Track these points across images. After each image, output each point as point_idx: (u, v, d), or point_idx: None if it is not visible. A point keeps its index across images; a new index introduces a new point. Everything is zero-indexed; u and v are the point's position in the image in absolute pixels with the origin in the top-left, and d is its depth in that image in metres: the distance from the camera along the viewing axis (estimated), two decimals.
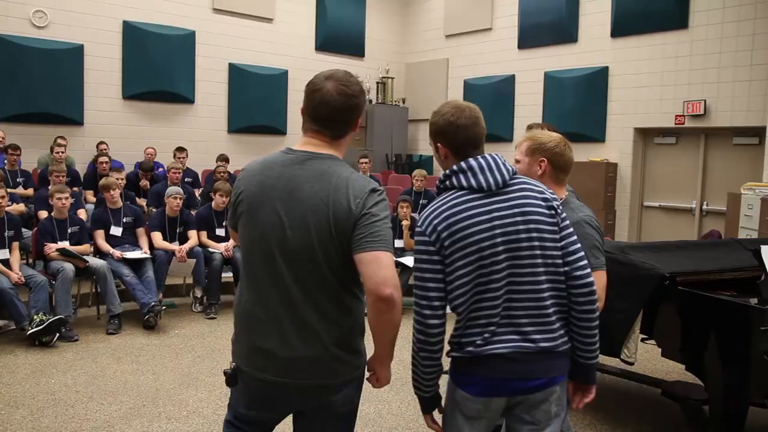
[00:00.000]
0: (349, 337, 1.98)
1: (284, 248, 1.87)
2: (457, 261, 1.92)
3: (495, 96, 11.06)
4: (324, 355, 1.91)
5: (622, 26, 9.60)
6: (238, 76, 10.73)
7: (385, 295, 1.80)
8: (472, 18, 11.71)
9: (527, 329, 1.94)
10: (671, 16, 9.01)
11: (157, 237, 6.45)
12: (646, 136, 9.78)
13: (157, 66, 9.91)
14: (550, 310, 1.96)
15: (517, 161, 2.58)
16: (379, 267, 1.81)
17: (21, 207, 6.86)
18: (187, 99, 10.32)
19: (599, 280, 2.35)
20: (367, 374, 2.13)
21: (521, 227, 1.95)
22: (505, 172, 1.99)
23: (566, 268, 1.98)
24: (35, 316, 5.33)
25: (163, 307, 6.09)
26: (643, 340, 3.80)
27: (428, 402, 2.14)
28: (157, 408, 4.18)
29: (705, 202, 9.20)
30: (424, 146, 12.54)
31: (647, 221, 9.91)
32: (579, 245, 2.02)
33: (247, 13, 10.89)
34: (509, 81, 11.06)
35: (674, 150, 9.55)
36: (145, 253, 6.28)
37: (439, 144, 2.07)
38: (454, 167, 2.02)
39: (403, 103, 12.61)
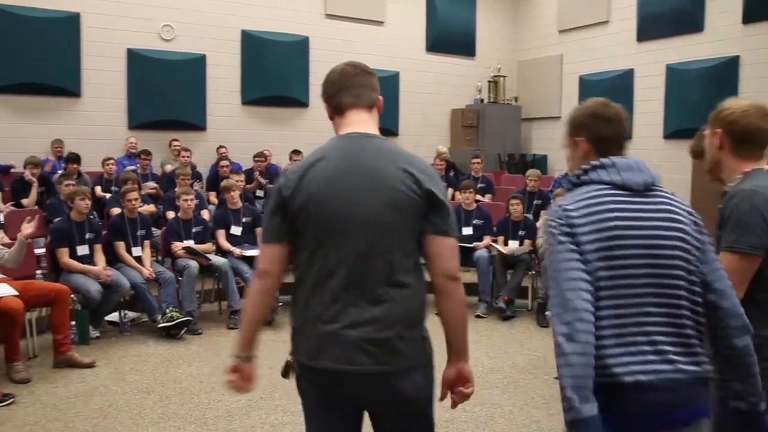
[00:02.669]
0: (420, 317, 1.91)
1: (358, 227, 1.82)
2: (594, 261, 1.70)
3: (612, 92, 10.56)
4: (392, 339, 1.82)
5: (756, 10, 8.87)
6: None
7: (456, 276, 1.88)
8: (587, 11, 11.29)
9: (666, 348, 1.67)
10: None
11: None
12: None
13: (274, 72, 10.30)
14: (690, 331, 1.71)
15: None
16: (453, 249, 1.88)
17: (151, 207, 7.34)
18: (302, 102, 10.65)
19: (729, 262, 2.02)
20: (448, 394, 1.99)
21: (665, 233, 1.74)
22: (652, 175, 1.81)
23: (712, 297, 1.75)
24: (166, 311, 5.68)
25: (280, 304, 6.30)
26: None
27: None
28: (274, 401, 4.32)
29: None
30: (538, 145, 12.24)
31: None
32: (724, 272, 1.79)
33: (359, 17, 11.08)
34: (627, 75, 10.55)
35: None
36: None
37: (579, 138, 1.89)
38: (595, 162, 1.83)
39: (516, 101, 12.36)
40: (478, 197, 8.18)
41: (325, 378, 1.88)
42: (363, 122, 1.95)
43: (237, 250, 6.40)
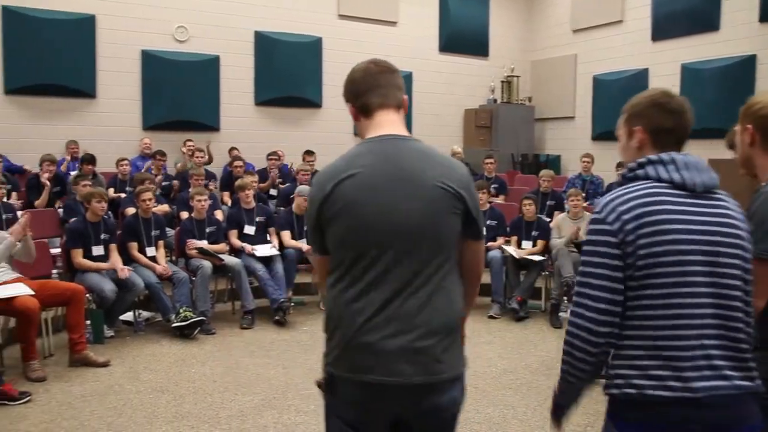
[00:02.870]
0: (458, 323, 1.85)
1: (399, 233, 1.75)
2: (645, 268, 1.58)
3: (627, 91, 10.29)
4: (435, 347, 1.76)
5: None
6: None
7: (479, 278, 2.00)
8: (601, 11, 11.23)
9: (721, 363, 1.57)
10: None
11: (286, 236, 6.71)
12: None
13: (286, 72, 10.33)
14: (744, 345, 1.62)
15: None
16: (482, 253, 1.99)
17: (165, 207, 7.38)
18: (315, 103, 10.67)
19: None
20: None
21: (724, 240, 1.62)
22: (712, 176, 1.68)
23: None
24: (180, 310, 5.71)
25: (292, 304, 6.32)
26: None
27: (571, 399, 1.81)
28: (287, 401, 4.33)
29: None
30: (551, 146, 12.19)
31: None
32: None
33: (371, 17, 11.09)
34: (642, 75, 10.49)
35: None
36: (274, 247, 6.56)
37: (636, 128, 1.76)
38: (652, 156, 1.70)
39: (529, 101, 12.33)
40: (492, 198, 8.15)
41: (366, 392, 1.78)
42: (393, 123, 1.88)
43: (248, 247, 6.42)
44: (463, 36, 11.95)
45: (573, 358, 1.67)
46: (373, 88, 1.88)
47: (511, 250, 6.80)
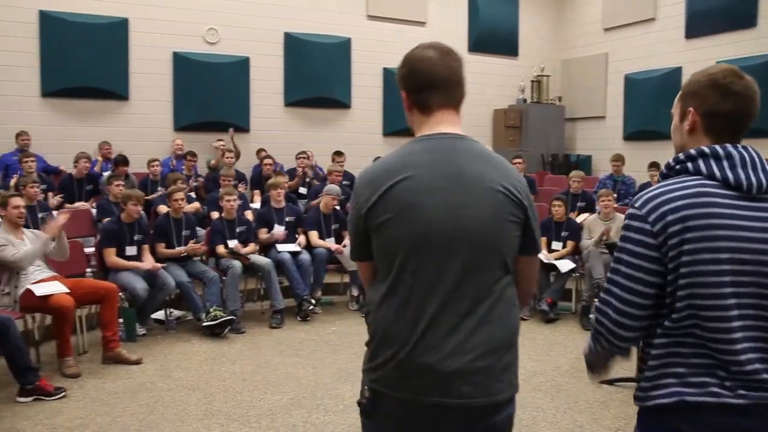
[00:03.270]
0: (516, 338, 1.71)
1: (462, 240, 1.60)
2: (689, 276, 1.46)
3: (659, 90, 10.34)
4: (495, 365, 1.63)
5: None
6: (393, 80, 10.92)
7: (532, 294, 1.77)
8: (633, 8, 11.06)
9: (765, 376, 1.46)
10: None
11: (314, 235, 6.74)
12: None
13: (316, 73, 10.37)
14: None
15: None
16: (536, 270, 1.81)
17: (196, 204, 7.47)
18: (344, 104, 10.70)
19: None
20: None
21: None
22: None
23: None
24: (210, 310, 5.77)
25: (313, 302, 6.37)
26: None
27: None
28: (316, 400, 4.35)
29: None
30: (582, 146, 12.05)
31: None
32: None
33: (401, 18, 11.07)
34: (675, 74, 10.28)
35: None
36: (299, 244, 6.63)
37: (690, 109, 1.58)
38: (704, 148, 1.51)
39: (559, 101, 12.20)
40: None
41: (419, 414, 1.63)
42: (452, 123, 1.72)
43: (278, 233, 6.50)
44: (493, 35, 11.87)
45: (601, 347, 1.60)
46: (436, 85, 1.70)
47: (541, 256, 6.72)
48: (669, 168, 1.59)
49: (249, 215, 7.06)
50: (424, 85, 1.71)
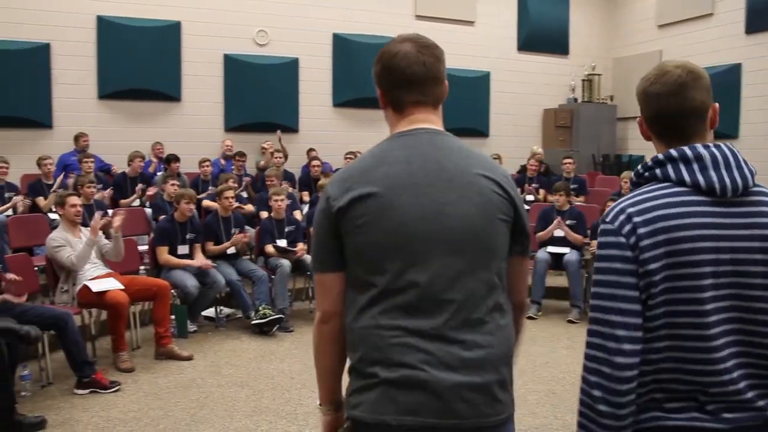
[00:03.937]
0: (513, 351, 1.57)
1: (448, 242, 1.47)
2: (664, 293, 1.34)
3: (717, 88, 9.65)
4: (493, 383, 1.48)
5: None
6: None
7: (526, 303, 1.66)
8: (689, 4, 10.74)
9: (748, 394, 1.36)
10: None
11: None
12: None
13: (365, 74, 10.28)
14: None
15: None
16: (526, 275, 1.66)
17: (250, 207, 7.58)
18: None
19: None
20: None
21: (758, 257, 1.35)
22: (746, 174, 1.37)
23: None
24: (260, 308, 5.84)
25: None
26: None
27: None
28: None
29: None
30: (634, 146, 11.76)
31: None
32: None
33: (449, 17, 11.00)
34: (734, 71, 9.95)
35: None
36: None
37: (639, 118, 1.53)
38: (672, 152, 1.40)
39: (611, 100, 11.93)
40: (571, 198, 7.92)
41: None
42: (430, 122, 1.59)
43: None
44: (543, 34, 11.69)
45: (595, 413, 1.36)
46: (411, 83, 1.57)
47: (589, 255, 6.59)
48: (638, 175, 1.47)
49: (298, 215, 7.11)
50: (397, 80, 1.58)
